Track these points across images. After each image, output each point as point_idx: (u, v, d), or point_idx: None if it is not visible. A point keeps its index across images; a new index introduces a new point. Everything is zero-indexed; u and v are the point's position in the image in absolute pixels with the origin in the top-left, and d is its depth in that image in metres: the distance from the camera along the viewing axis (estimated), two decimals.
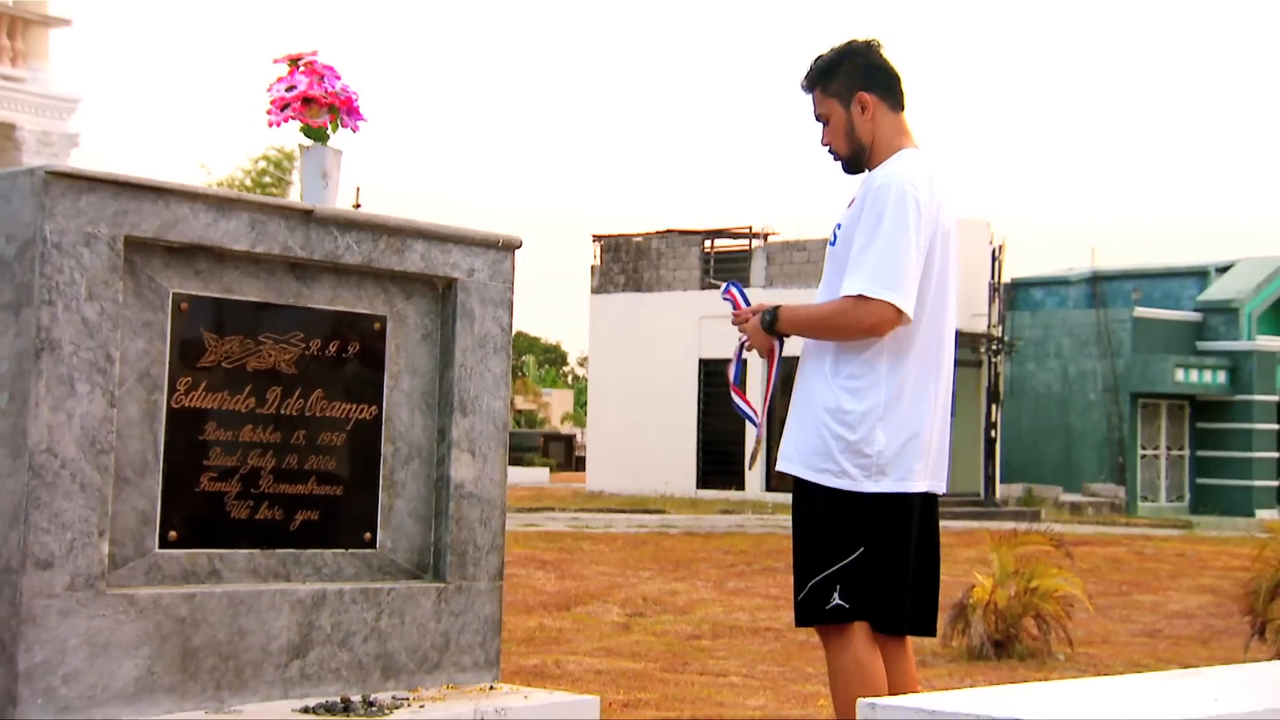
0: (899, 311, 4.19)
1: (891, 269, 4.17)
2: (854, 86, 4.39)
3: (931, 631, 4.67)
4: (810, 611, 4.42)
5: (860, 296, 4.21)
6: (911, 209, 4.19)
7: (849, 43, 4.45)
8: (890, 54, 4.47)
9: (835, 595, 4.31)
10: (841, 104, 4.40)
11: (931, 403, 4.36)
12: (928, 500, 4.49)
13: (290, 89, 4.65)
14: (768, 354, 4.65)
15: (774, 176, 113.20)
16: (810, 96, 4.49)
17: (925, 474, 4.38)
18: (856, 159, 4.43)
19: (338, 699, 4.46)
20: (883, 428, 4.28)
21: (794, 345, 4.71)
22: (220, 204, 4.33)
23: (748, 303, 4.70)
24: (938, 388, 4.38)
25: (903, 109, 4.45)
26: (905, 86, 4.47)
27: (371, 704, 4.46)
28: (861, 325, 4.25)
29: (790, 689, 7.66)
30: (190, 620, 4.22)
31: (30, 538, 3.93)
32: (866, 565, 4.32)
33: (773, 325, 4.52)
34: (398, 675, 4.68)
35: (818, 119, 4.47)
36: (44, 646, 3.95)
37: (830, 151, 4.48)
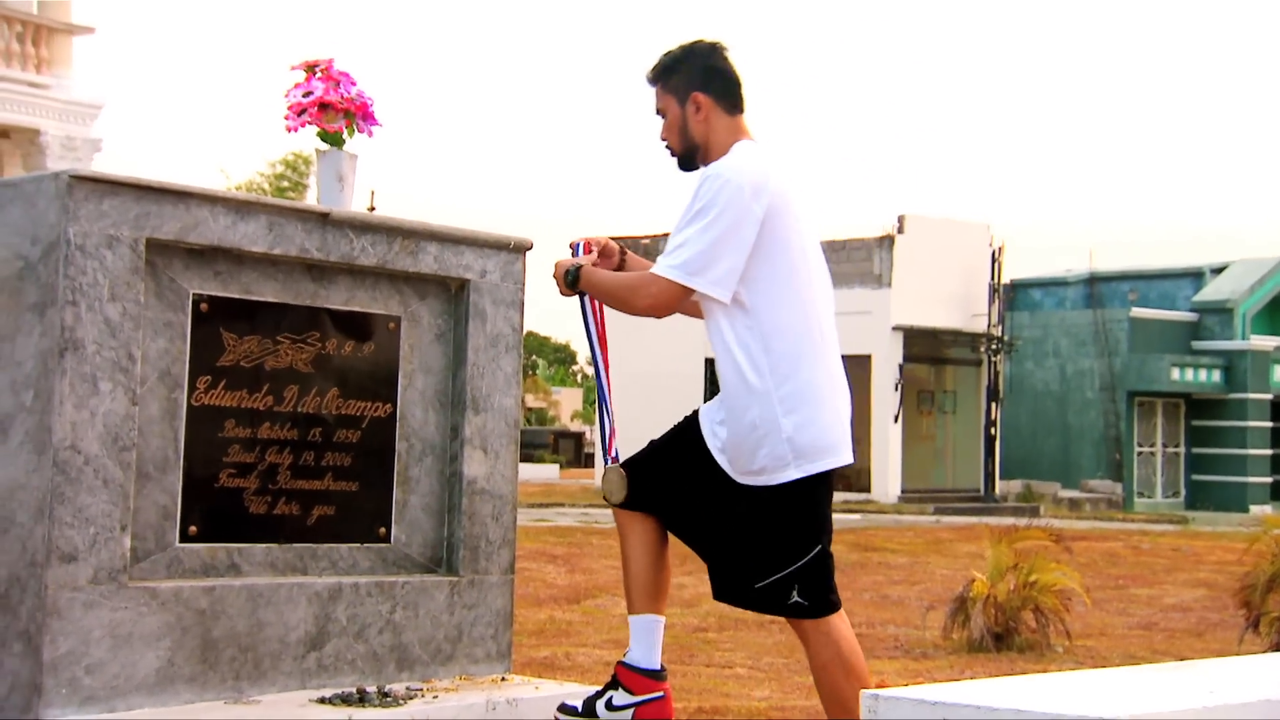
0: (683, 291, 4.26)
1: (695, 254, 4.23)
2: (691, 86, 4.46)
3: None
4: (770, 604, 4.40)
5: (654, 275, 4.31)
6: (731, 197, 4.22)
7: (694, 43, 4.52)
8: (734, 58, 4.53)
9: (795, 594, 4.32)
10: (678, 101, 4.48)
11: (825, 378, 4.37)
12: (833, 474, 4.45)
13: (307, 95, 4.74)
14: (586, 324, 4.67)
15: None
16: (653, 90, 4.57)
17: (833, 452, 4.36)
18: (690, 156, 4.49)
19: (353, 690, 4.55)
20: (789, 413, 4.28)
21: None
22: (239, 207, 4.41)
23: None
24: (826, 362, 4.38)
25: (740, 112, 4.49)
26: (744, 91, 4.51)
27: (386, 695, 4.55)
28: (644, 303, 4.35)
29: (795, 680, 7.75)
30: (210, 613, 4.31)
31: (55, 532, 4.02)
32: (819, 558, 4.34)
33: (574, 284, 4.56)
34: (412, 666, 4.76)
35: (658, 113, 4.55)
36: (68, 638, 4.03)
37: (666, 147, 4.55)
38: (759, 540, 4.34)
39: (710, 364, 35.55)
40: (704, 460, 4.36)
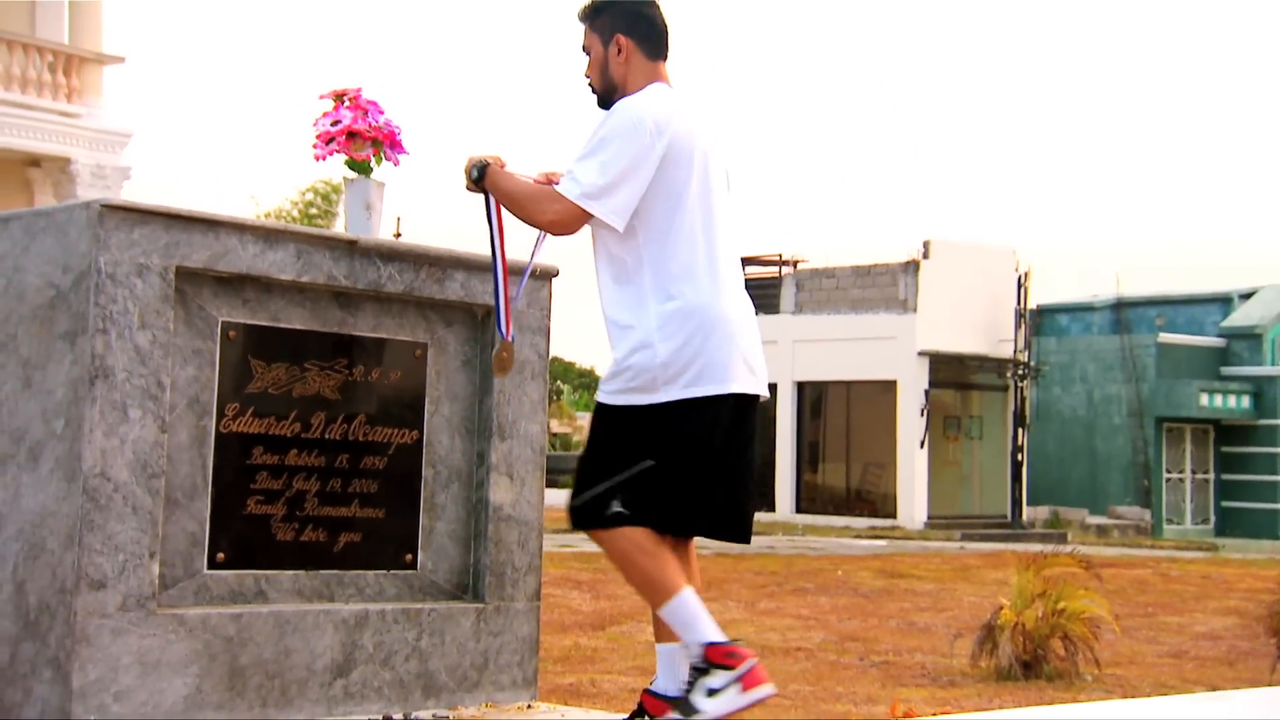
0: (583, 214, 4.35)
1: (596, 180, 4.33)
2: (615, 28, 4.57)
3: (728, 535, 4.58)
4: (588, 516, 4.40)
5: (557, 194, 4.39)
6: (633, 130, 4.34)
7: None
8: (662, 6, 4.63)
9: (615, 503, 4.33)
10: (602, 42, 4.59)
11: (712, 310, 4.39)
12: (738, 401, 4.46)
13: (335, 124, 4.77)
14: (488, 217, 4.68)
15: (803, 206, 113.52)
16: (582, 28, 4.67)
17: (719, 379, 4.38)
18: (608, 95, 4.58)
19: (379, 717, 4.56)
20: (663, 340, 4.34)
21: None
22: (268, 235, 4.44)
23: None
24: (716, 296, 4.41)
25: (661, 59, 4.60)
26: (669, 38, 4.62)
27: None
28: (545, 218, 4.42)
29: (821, 708, 7.74)
30: (238, 639, 4.33)
31: (84, 559, 4.04)
32: (657, 475, 4.33)
33: (479, 180, 4.60)
34: (438, 694, 4.77)
35: (583, 50, 4.66)
36: (97, 665, 4.05)
37: (589, 85, 4.66)
38: (601, 449, 4.40)
39: None
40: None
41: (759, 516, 32.65)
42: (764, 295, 35.69)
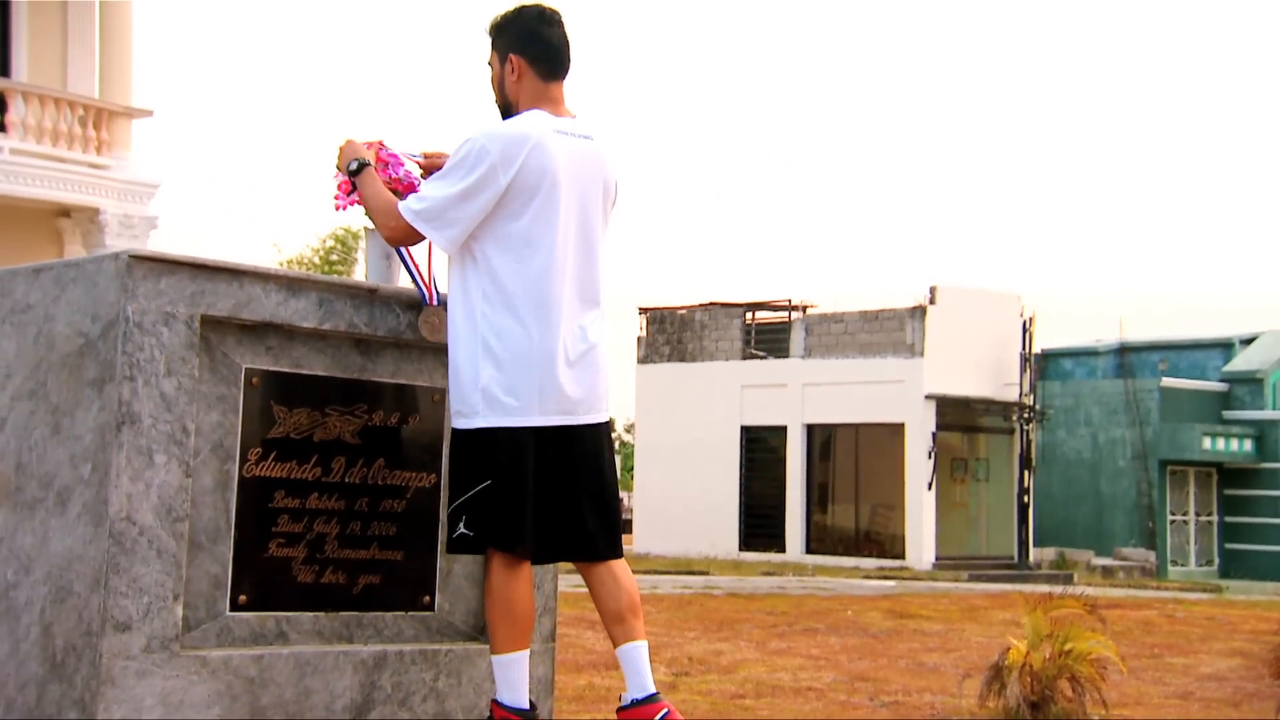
0: (417, 233, 4.56)
1: (433, 203, 4.52)
2: (510, 47, 4.72)
3: (599, 556, 4.75)
4: (448, 542, 4.67)
5: (399, 211, 4.59)
6: (478, 161, 4.49)
7: (523, 7, 4.77)
8: (560, 27, 4.73)
9: (461, 525, 4.56)
10: (500, 60, 4.75)
11: (547, 341, 4.53)
12: (559, 432, 4.61)
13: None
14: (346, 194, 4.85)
15: (812, 251, 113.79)
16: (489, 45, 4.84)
17: (525, 410, 4.53)
18: (505, 111, 4.74)
19: None
20: (482, 365, 4.51)
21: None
22: (290, 284, 4.54)
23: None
24: (558, 328, 4.55)
25: (556, 79, 4.73)
26: (564, 60, 4.73)
27: None
28: (385, 231, 4.67)
29: None
30: (259, 680, 4.40)
31: (110, 602, 4.12)
32: (489, 496, 4.52)
33: (352, 175, 4.79)
34: None
35: (488, 64, 4.81)
36: (122, 706, 4.12)
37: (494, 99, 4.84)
38: (450, 477, 4.68)
39: (745, 431, 35.76)
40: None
41: (770, 557, 32.77)
42: (774, 339, 36.01)
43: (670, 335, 37.67)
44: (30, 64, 23.29)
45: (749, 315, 36.96)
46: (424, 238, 4.59)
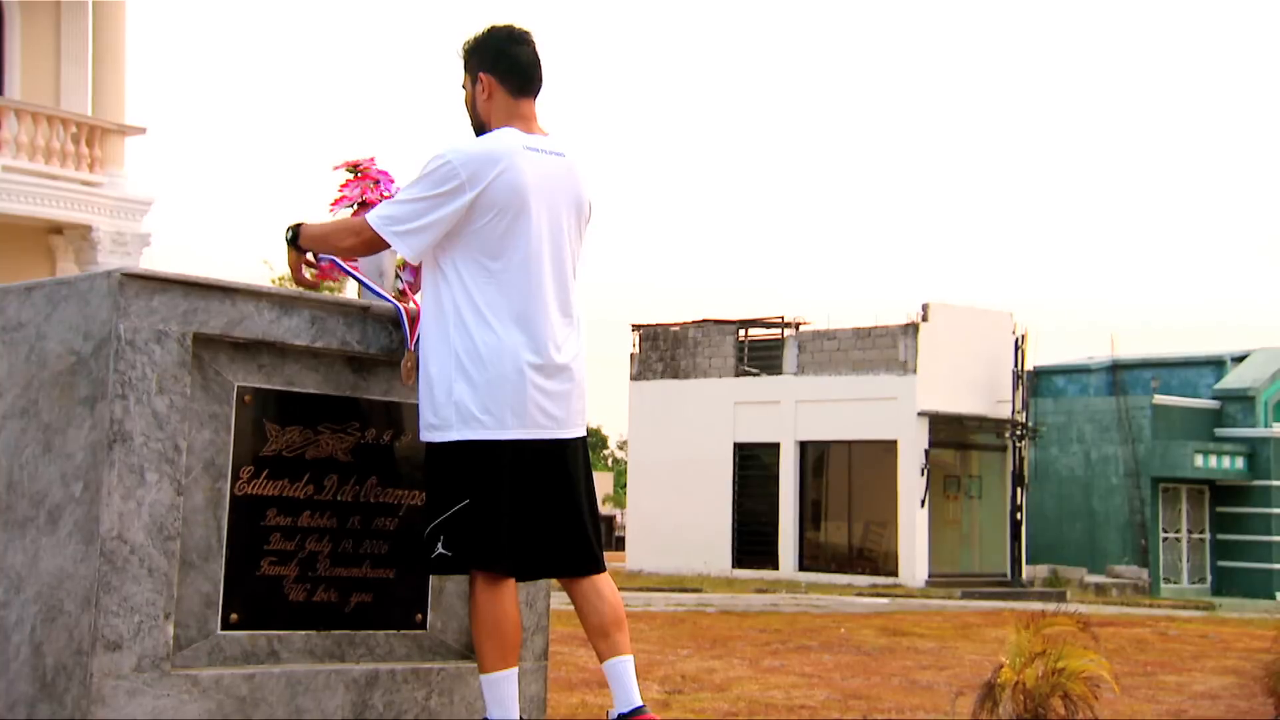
0: (383, 241, 4.58)
1: (400, 214, 4.55)
2: (480, 66, 4.77)
3: (581, 571, 4.76)
4: (425, 563, 4.64)
5: (365, 222, 4.61)
6: (444, 176, 4.53)
7: (493, 27, 4.81)
8: (528, 47, 4.77)
9: (439, 545, 4.54)
10: (471, 80, 4.80)
11: (519, 355, 4.54)
12: (535, 447, 4.61)
13: (346, 188, 4.88)
14: (310, 269, 4.89)
15: (805, 268, 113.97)
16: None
17: (500, 423, 4.53)
18: (479, 130, 4.78)
19: None
20: (456, 379, 4.51)
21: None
22: (283, 302, 4.53)
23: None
24: (531, 343, 4.57)
25: (526, 97, 4.77)
26: (534, 78, 4.77)
27: None
28: (349, 242, 4.68)
29: None
30: (250, 699, 4.38)
31: (101, 621, 4.10)
32: (466, 515, 4.51)
33: (295, 241, 4.79)
34: None
35: (462, 87, 4.85)
36: None
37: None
38: (427, 495, 4.65)
39: (738, 448, 35.78)
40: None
41: (763, 575, 32.77)
42: (767, 356, 36.05)
43: (663, 352, 37.72)
44: (23, 81, 23.36)
45: (742, 332, 37.01)
46: (388, 246, 4.62)
